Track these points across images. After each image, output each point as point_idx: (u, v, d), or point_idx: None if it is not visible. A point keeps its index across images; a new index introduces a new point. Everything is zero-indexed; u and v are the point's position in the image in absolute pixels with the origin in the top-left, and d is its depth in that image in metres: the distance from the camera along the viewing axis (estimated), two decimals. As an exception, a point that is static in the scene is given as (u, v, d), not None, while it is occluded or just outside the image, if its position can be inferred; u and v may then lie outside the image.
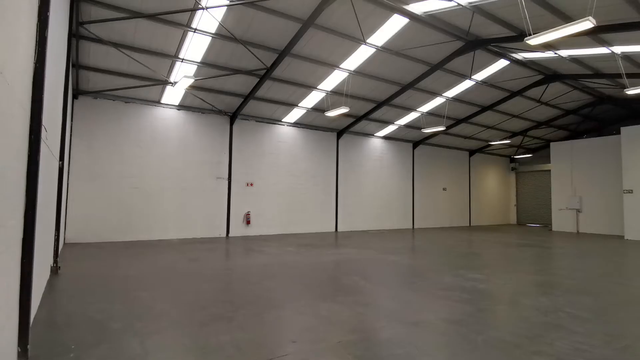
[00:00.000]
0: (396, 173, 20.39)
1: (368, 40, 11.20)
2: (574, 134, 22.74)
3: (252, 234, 15.13)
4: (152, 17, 9.10)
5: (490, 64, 13.56)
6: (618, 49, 10.95)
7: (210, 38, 10.34)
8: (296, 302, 5.49)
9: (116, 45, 10.03)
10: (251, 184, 15.30)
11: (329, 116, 15.90)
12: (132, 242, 12.04)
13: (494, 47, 12.37)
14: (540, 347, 3.91)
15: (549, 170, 22.17)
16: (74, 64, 10.33)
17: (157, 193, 13.18)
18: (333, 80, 13.46)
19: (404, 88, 14.52)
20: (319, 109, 15.43)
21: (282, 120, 16.20)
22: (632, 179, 16.53)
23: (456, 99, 16.32)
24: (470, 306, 5.44)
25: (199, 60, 11.29)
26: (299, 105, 15.05)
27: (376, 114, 16.83)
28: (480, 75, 14.38)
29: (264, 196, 15.65)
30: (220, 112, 14.51)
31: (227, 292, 6.15)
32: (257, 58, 11.02)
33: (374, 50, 11.74)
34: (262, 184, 15.63)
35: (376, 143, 19.57)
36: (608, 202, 18.58)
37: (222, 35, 10.25)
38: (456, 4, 9.25)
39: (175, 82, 10.93)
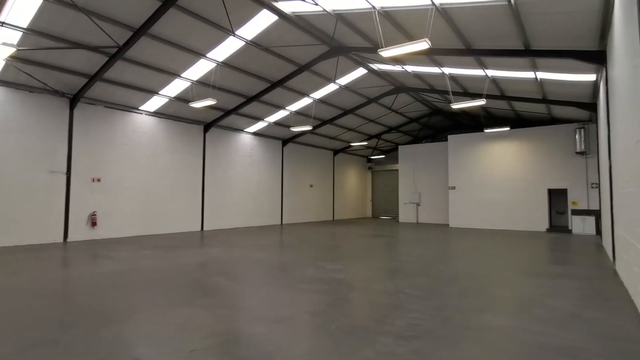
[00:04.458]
0: (266, 170, 20.48)
1: (237, 32, 10.86)
2: (416, 139, 26.69)
3: (99, 237, 13.09)
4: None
5: (352, 71, 14.77)
6: (447, 70, 13.24)
7: (42, 0, 8.45)
8: (146, 312, 4.90)
9: None
10: (98, 180, 13.18)
11: (194, 107, 14.94)
12: None
13: (355, 55, 13.50)
14: (384, 327, 4.37)
15: (397, 170, 25.56)
16: None
17: (-42, 190, 10.18)
18: (199, 69, 12.62)
19: (274, 85, 14.64)
20: (183, 98, 14.30)
21: (140, 108, 14.46)
22: (455, 178, 20.36)
23: (322, 101, 17.28)
24: (328, 296, 5.76)
25: (25, 25, 9.12)
26: (159, 93, 13.65)
27: (246, 109, 16.55)
28: (343, 80, 15.54)
29: (116, 193, 13.70)
30: (56, 93, 12.06)
31: (55, 310, 5.10)
32: (106, 33, 9.50)
33: (243, 43, 11.46)
34: (113, 179, 13.66)
35: (246, 139, 19.27)
36: (439, 196, 22.46)
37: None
38: (322, 10, 9.71)
39: (-13, 49, 8.56)
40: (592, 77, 10.94)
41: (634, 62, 4.57)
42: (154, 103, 14.34)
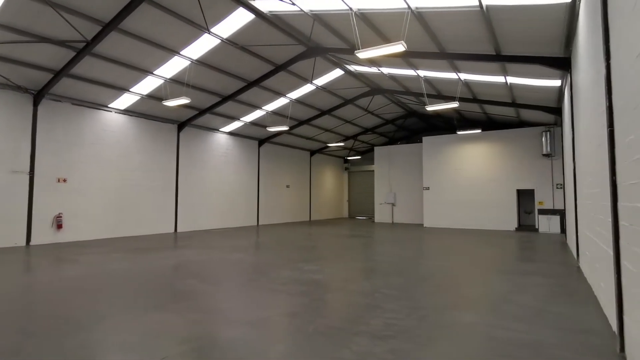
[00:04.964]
0: (242, 170, 20.22)
1: (212, 30, 10.66)
2: (391, 141, 27.07)
3: (65, 240, 12.52)
4: None
5: (329, 72, 14.80)
6: (422, 73, 13.49)
7: (1, -10, 8.01)
8: (115, 318, 4.72)
9: None
10: (64, 180, 12.61)
11: (167, 106, 14.55)
12: None
13: (332, 56, 13.54)
14: (360, 327, 4.39)
15: (373, 171, 25.84)
16: None
17: None
18: (173, 67, 12.31)
19: (250, 85, 14.47)
20: (155, 96, 13.90)
21: (109, 105, 13.95)
22: (429, 178, 20.79)
23: (299, 101, 17.23)
24: (305, 297, 5.73)
25: (-16, 17, 8.64)
26: (130, 90, 13.22)
27: (221, 109, 16.28)
28: (320, 81, 15.55)
29: (83, 194, 13.15)
30: (19, 89, 11.45)
31: (17, 317, 4.82)
32: (74, 27, 9.11)
33: (219, 41, 11.26)
34: (80, 179, 13.10)
35: (221, 139, 18.96)
36: (414, 197, 22.86)
37: (20, -10, 8.08)
38: (299, 10, 9.68)
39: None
40: (557, 83, 11.43)
41: (597, 68, 4.80)
42: (125, 100, 13.87)
